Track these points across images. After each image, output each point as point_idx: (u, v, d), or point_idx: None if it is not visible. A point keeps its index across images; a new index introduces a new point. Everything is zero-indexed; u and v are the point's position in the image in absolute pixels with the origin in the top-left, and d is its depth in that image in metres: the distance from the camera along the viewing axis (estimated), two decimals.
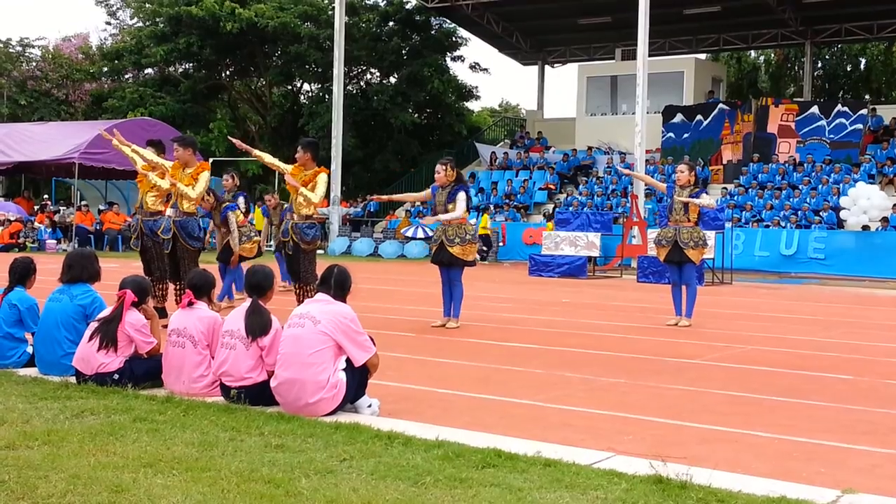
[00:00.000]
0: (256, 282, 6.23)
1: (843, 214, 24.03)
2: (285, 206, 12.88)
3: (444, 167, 10.58)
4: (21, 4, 79.35)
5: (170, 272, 10.70)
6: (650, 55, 25.63)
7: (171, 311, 7.53)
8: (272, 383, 5.82)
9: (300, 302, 11.00)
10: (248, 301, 6.13)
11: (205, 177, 10.63)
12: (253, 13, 36.26)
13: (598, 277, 21.17)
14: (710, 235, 19.26)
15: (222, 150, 37.19)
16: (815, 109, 29.63)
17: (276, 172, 32.90)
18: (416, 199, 12.06)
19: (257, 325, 5.96)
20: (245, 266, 12.61)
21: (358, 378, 5.80)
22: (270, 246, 18.96)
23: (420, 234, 29.04)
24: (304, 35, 36.87)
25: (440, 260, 10.67)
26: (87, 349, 6.43)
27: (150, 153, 11.12)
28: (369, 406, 5.85)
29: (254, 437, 5.08)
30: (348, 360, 5.76)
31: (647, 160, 27.29)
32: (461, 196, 10.46)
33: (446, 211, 10.51)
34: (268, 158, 11.01)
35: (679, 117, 31.62)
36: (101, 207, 30.95)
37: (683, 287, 11.35)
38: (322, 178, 10.26)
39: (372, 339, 5.89)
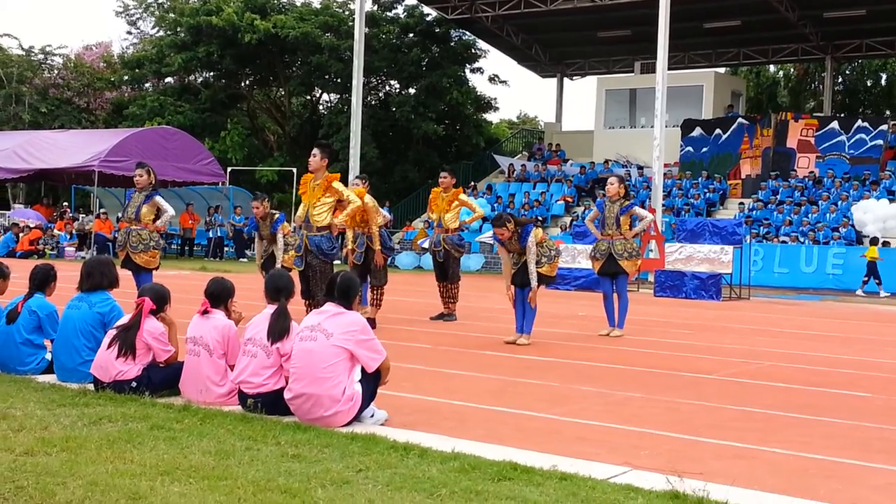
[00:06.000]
0: (283, 284, 6.28)
1: (865, 231, 23.96)
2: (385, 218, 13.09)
3: (501, 228, 10.19)
4: (44, 13, 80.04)
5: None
6: (669, 69, 25.58)
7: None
8: (286, 395, 5.83)
9: (443, 296, 12.69)
10: (272, 306, 6.16)
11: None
12: (271, 24, 36.44)
13: None
14: (728, 250, 19.24)
15: (239, 157, 37.35)
16: (834, 125, 29.54)
17: (293, 180, 33.11)
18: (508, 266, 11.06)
19: (279, 329, 5.98)
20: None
21: (371, 387, 5.84)
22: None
23: (429, 246, 29.08)
24: (325, 45, 37.02)
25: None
26: (106, 357, 6.46)
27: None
28: (372, 416, 5.86)
29: (270, 447, 5.10)
30: (362, 369, 5.78)
31: (665, 174, 27.25)
32: (530, 238, 10.25)
33: (524, 258, 10.28)
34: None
35: (698, 131, 31.58)
36: (120, 215, 31.13)
37: (616, 298, 11.66)
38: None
39: None
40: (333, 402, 5.64)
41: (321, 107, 43.92)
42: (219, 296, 6.61)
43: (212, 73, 41.39)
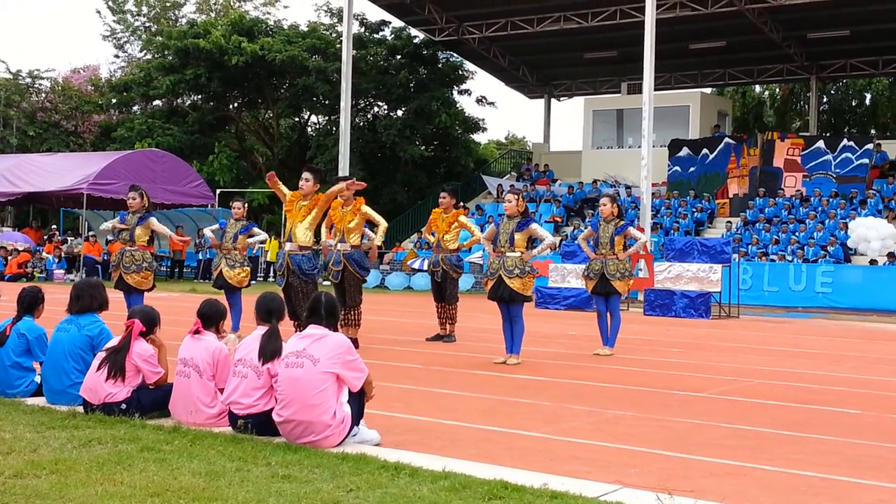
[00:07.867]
0: (275, 307, 6.29)
1: (861, 248, 24.03)
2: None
3: (514, 198, 10.28)
4: (31, 37, 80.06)
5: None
6: (656, 89, 25.70)
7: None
8: (275, 419, 5.82)
9: (440, 317, 12.44)
10: (262, 327, 6.15)
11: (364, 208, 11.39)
12: (259, 47, 36.51)
13: None
14: (717, 269, 19.29)
15: (227, 180, 37.33)
16: (820, 144, 29.70)
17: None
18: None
19: (271, 349, 5.96)
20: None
21: (357, 406, 5.85)
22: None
23: (426, 266, 29.08)
24: (312, 68, 37.11)
25: (500, 296, 10.23)
26: (95, 379, 6.44)
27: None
28: (355, 435, 5.84)
29: (261, 468, 5.09)
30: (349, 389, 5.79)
31: (653, 193, 27.34)
32: (532, 225, 10.22)
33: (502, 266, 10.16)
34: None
35: (685, 151, 31.71)
36: (109, 238, 31.06)
37: (608, 316, 11.66)
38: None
39: None
40: (325, 427, 5.65)
41: (309, 129, 43.97)
42: (210, 317, 6.61)
43: (199, 96, 41.40)
